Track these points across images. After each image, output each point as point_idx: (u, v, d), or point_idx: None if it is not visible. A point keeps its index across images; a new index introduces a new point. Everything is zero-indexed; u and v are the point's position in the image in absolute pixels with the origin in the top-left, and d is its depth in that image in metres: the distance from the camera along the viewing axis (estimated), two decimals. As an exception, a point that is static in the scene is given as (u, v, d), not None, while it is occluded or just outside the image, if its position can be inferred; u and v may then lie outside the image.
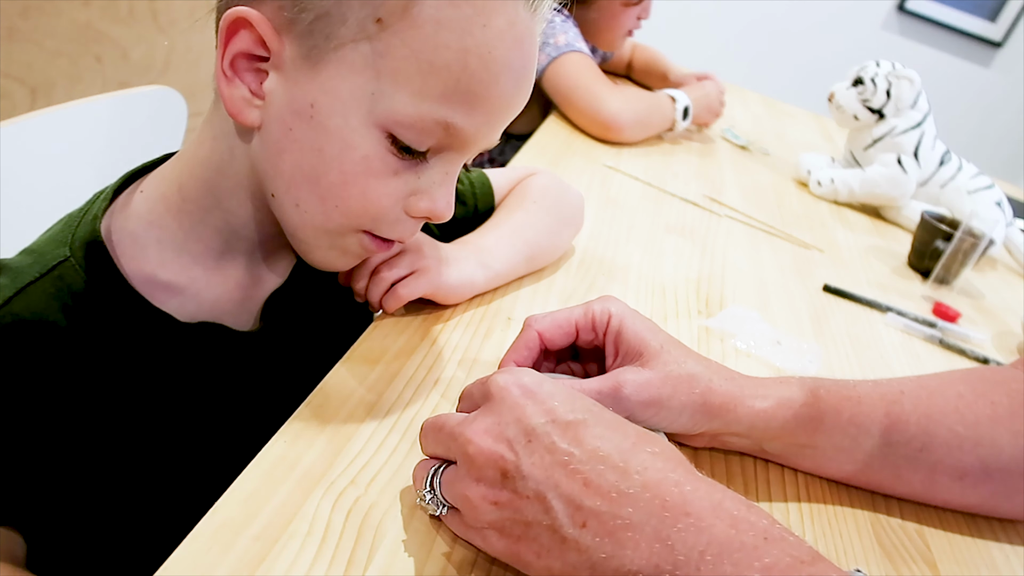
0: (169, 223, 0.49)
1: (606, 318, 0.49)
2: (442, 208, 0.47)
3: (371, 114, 0.42)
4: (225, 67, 0.43)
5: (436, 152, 0.45)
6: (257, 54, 0.43)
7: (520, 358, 0.49)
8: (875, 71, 1.19)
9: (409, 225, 0.48)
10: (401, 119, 0.42)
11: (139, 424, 0.49)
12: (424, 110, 0.42)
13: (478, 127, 0.44)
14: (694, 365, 0.47)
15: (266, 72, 0.43)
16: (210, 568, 0.34)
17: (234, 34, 0.42)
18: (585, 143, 1.15)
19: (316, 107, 0.42)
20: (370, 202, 0.45)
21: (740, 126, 1.57)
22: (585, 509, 0.33)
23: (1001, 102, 3.10)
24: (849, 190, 1.23)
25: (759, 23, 3.15)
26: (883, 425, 0.49)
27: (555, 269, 0.72)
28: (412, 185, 0.46)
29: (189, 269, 0.50)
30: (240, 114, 0.44)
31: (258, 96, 0.44)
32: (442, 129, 0.43)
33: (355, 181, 0.44)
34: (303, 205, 0.45)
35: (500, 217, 0.68)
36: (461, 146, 0.45)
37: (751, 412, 0.48)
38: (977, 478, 0.50)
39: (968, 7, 2.96)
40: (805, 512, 0.49)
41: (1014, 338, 0.93)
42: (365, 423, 0.46)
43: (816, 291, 0.88)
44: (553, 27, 1.19)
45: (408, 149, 0.44)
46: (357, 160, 0.43)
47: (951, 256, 0.97)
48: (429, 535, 0.39)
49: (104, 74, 1.45)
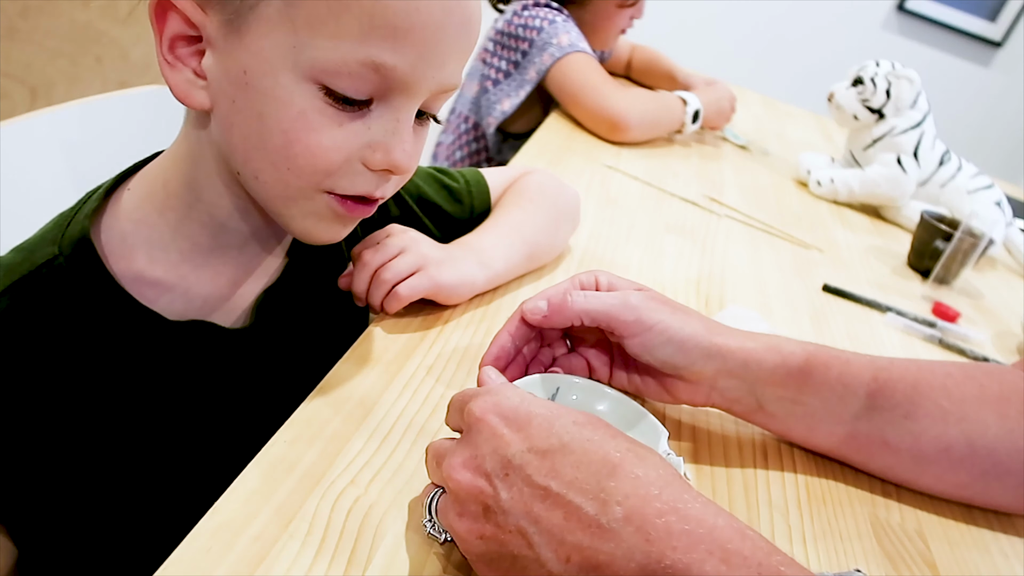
0: (156, 221, 0.48)
1: (593, 279, 0.52)
2: (398, 157, 0.44)
3: (297, 67, 0.41)
4: (165, 53, 0.43)
5: (381, 99, 0.44)
6: (190, 35, 0.43)
7: (514, 331, 0.51)
8: (875, 71, 1.19)
9: (371, 179, 0.46)
10: (326, 66, 0.41)
11: (128, 424, 0.49)
12: (345, 53, 0.40)
13: (413, 64, 0.42)
14: (690, 310, 0.51)
15: (203, 50, 0.43)
16: (210, 568, 0.34)
17: (163, 19, 0.42)
18: (585, 143, 1.15)
19: (248, 72, 0.42)
20: (317, 158, 0.43)
21: (740, 126, 1.57)
22: (568, 543, 0.32)
23: (1001, 102, 3.10)
24: (849, 190, 1.23)
25: (759, 23, 3.15)
26: (869, 388, 0.51)
27: (555, 269, 0.72)
28: (364, 137, 0.44)
29: (178, 266, 0.49)
30: (188, 97, 0.44)
31: (200, 76, 0.43)
32: (372, 71, 0.41)
33: (297, 139, 0.42)
34: (261, 175, 0.45)
35: (498, 216, 0.68)
36: (404, 89, 0.43)
37: (743, 349, 0.49)
38: (962, 453, 0.51)
39: (968, 7, 2.96)
40: (805, 512, 0.50)
41: (1014, 338, 0.93)
42: (365, 423, 0.46)
43: (816, 291, 0.88)
44: (555, 27, 1.19)
45: (347, 99, 0.42)
46: (295, 117, 0.42)
47: (951, 256, 0.96)
48: (428, 535, 0.39)
49: (104, 74, 1.45)
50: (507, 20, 1.21)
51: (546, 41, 1.18)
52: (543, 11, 1.20)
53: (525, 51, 1.20)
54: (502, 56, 1.22)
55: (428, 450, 0.40)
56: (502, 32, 1.21)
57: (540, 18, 1.19)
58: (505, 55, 1.21)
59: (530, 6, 1.20)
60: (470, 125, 1.30)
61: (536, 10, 1.20)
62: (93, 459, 0.48)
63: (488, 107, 1.24)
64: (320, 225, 0.48)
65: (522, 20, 1.20)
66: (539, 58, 1.19)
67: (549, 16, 1.19)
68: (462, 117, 1.32)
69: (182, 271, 0.49)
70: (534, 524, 0.33)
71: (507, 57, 1.21)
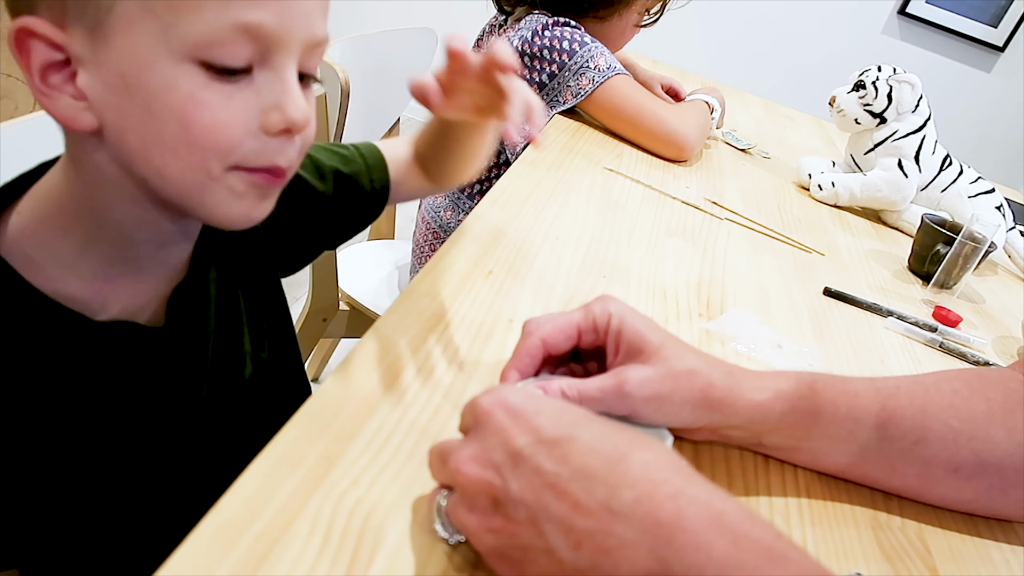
0: (60, 243, 0.47)
1: (606, 318, 0.49)
2: (293, 114, 0.44)
3: (171, 51, 0.41)
4: (39, 85, 0.42)
5: (260, 64, 0.44)
6: (57, 59, 0.42)
7: (523, 366, 0.49)
8: (876, 75, 1.20)
9: (275, 145, 0.46)
10: (198, 40, 0.41)
11: (76, 429, 0.48)
12: (211, 22, 0.41)
13: (279, 18, 0.42)
14: (693, 360, 0.48)
15: (75, 71, 0.42)
16: (211, 568, 0.34)
17: (26, 50, 0.41)
18: (586, 145, 1.15)
19: (126, 75, 0.41)
20: (217, 133, 0.43)
21: (741, 129, 1.57)
22: (577, 530, 0.33)
23: (1002, 107, 3.11)
24: (850, 194, 1.24)
25: (760, 26, 3.15)
26: (879, 419, 0.50)
27: (556, 271, 0.72)
28: (255, 104, 0.44)
29: (90, 283, 0.48)
30: (74, 123, 0.43)
31: (80, 98, 0.42)
32: (243, 33, 0.42)
33: (193, 121, 0.42)
34: (166, 171, 0.44)
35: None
36: (277, 46, 0.43)
37: (749, 405, 0.48)
38: (971, 472, 0.51)
39: (969, 11, 2.97)
40: (805, 513, 0.50)
41: (1015, 342, 0.93)
42: (367, 424, 0.46)
43: (817, 295, 0.88)
44: (588, 49, 1.19)
45: (228, 69, 0.42)
46: (184, 100, 0.42)
47: (952, 260, 0.97)
48: (431, 536, 0.39)
49: (106, 75, 1.45)
50: (525, 40, 1.19)
51: (581, 65, 1.18)
52: (567, 31, 1.19)
53: (553, 73, 1.19)
54: (522, 76, 1.21)
55: (432, 451, 0.40)
56: (522, 52, 1.19)
57: (568, 40, 1.18)
58: (526, 75, 1.20)
59: (550, 26, 1.19)
60: None
61: (557, 30, 1.19)
62: (45, 473, 0.48)
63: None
64: (241, 204, 0.47)
65: (545, 41, 1.18)
66: (575, 82, 1.19)
67: (576, 37, 1.18)
68: None
69: (95, 286, 0.48)
70: (543, 512, 0.33)
71: (529, 77, 1.20)
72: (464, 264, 0.68)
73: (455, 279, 0.65)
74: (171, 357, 0.53)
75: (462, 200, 1.30)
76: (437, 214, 1.33)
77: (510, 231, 0.77)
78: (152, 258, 0.51)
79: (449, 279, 0.65)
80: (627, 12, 1.29)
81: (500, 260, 0.71)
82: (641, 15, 1.31)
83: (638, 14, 1.31)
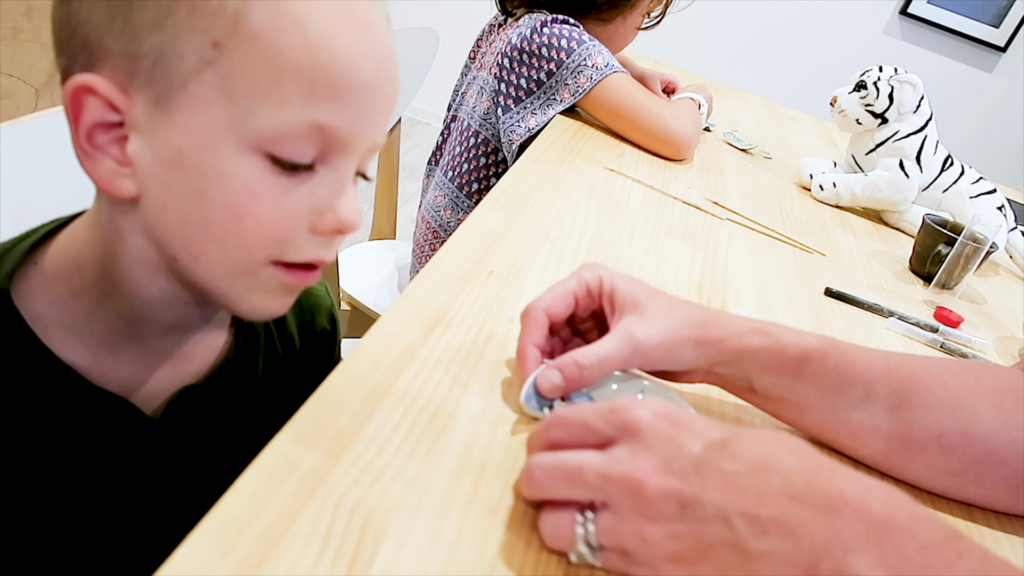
0: (69, 304, 0.46)
1: (598, 281, 0.54)
2: (347, 215, 0.44)
3: (239, 139, 0.40)
4: (84, 144, 0.41)
5: (322, 160, 0.43)
6: (111, 121, 0.41)
7: (535, 339, 0.52)
8: (877, 75, 1.20)
9: (318, 243, 0.45)
10: (271, 134, 0.40)
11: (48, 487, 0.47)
12: (290, 118, 0.40)
13: (352, 122, 0.42)
14: (684, 305, 0.53)
15: (126, 136, 0.41)
16: (212, 568, 0.34)
17: (81, 106, 0.40)
18: (587, 146, 1.15)
19: (183, 152, 0.40)
20: (268, 228, 0.42)
21: (742, 130, 1.57)
22: (763, 519, 0.35)
23: (1004, 107, 3.11)
24: (851, 194, 1.23)
25: (762, 27, 3.15)
26: (866, 377, 0.52)
27: (556, 271, 0.72)
28: (310, 202, 0.43)
29: (94, 351, 0.47)
30: (112, 188, 0.42)
31: (125, 164, 0.41)
32: (317, 132, 0.41)
33: (246, 212, 0.41)
34: (203, 256, 0.43)
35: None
36: (343, 147, 0.43)
37: (740, 344, 0.52)
38: (954, 441, 0.52)
39: (971, 12, 2.97)
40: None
41: (1016, 343, 0.93)
42: (368, 424, 0.46)
43: (818, 295, 0.88)
44: (586, 47, 1.18)
45: (293, 165, 0.42)
46: (240, 189, 0.41)
47: (953, 261, 0.96)
48: (432, 536, 0.39)
49: (107, 75, 1.45)
50: (524, 37, 1.19)
51: (579, 63, 1.18)
52: (566, 29, 1.19)
53: (551, 71, 1.19)
54: (520, 74, 1.21)
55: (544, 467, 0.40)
56: (520, 49, 1.19)
57: (566, 38, 1.18)
58: (524, 72, 1.20)
59: (549, 23, 1.19)
60: (479, 140, 1.29)
61: (555, 27, 1.18)
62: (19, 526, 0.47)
63: (510, 125, 1.22)
64: (268, 299, 0.46)
65: (543, 39, 1.18)
66: (573, 80, 1.19)
67: (575, 35, 1.18)
68: (471, 131, 1.30)
69: (99, 356, 0.47)
70: (733, 507, 0.36)
71: (527, 75, 1.20)
72: (465, 264, 0.68)
73: (456, 279, 0.65)
74: (160, 448, 0.51)
75: (462, 200, 1.30)
76: (437, 214, 1.33)
77: (511, 231, 0.77)
78: (161, 338, 0.50)
79: (450, 279, 0.65)
80: (630, 15, 1.29)
81: (501, 260, 0.71)
82: (643, 18, 1.32)
83: (641, 17, 1.31)
